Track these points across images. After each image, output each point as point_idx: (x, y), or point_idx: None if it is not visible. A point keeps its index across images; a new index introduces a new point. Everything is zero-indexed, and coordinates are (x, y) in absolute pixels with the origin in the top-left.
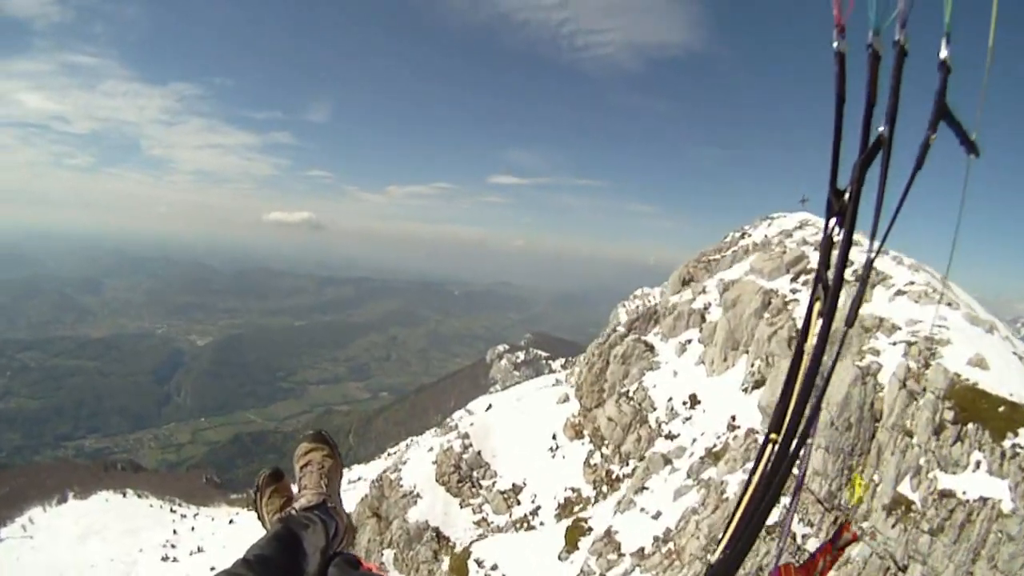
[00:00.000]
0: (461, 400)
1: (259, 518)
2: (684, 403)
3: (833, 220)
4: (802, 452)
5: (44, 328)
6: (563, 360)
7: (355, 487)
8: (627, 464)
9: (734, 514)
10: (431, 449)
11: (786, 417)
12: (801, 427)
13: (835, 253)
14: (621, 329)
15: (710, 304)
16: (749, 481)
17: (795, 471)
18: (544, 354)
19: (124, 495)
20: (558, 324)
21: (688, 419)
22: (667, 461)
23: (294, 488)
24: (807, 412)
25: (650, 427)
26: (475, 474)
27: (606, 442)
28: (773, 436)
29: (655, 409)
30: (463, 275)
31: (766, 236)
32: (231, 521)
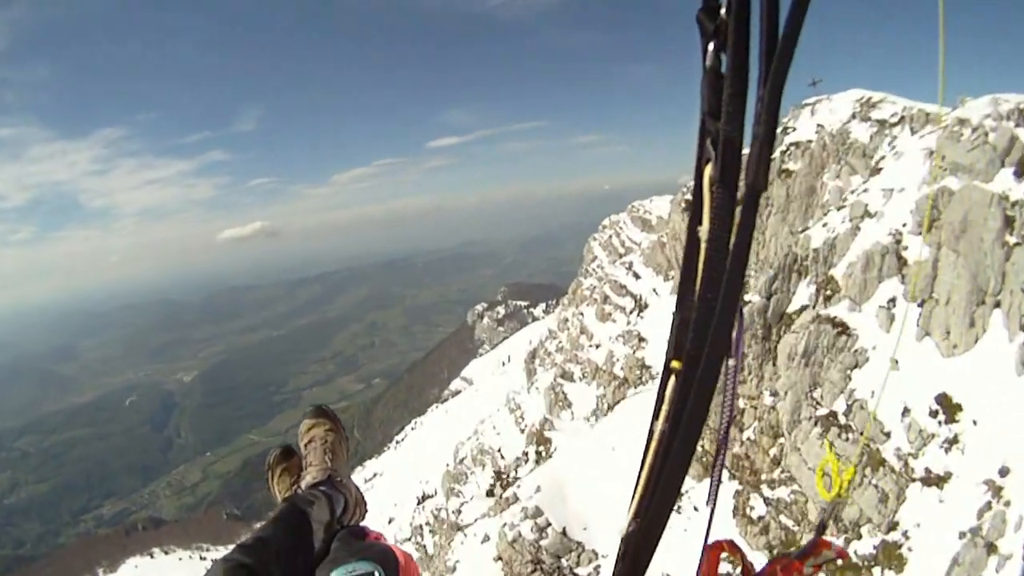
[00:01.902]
0: (452, 368)
1: (272, 497)
2: (933, 414)
3: (711, 46)
4: (720, 380)
5: (33, 408)
6: (544, 305)
7: (372, 486)
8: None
9: (638, 478)
10: (487, 539)
11: (688, 333)
12: (708, 345)
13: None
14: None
15: (898, 232)
16: (652, 428)
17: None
18: (523, 304)
19: (152, 556)
20: (532, 270)
21: (952, 442)
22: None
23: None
24: (714, 322)
25: (893, 470)
26: (565, 562)
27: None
28: (675, 364)
29: (888, 436)
30: (426, 245)
31: (821, 127)
32: None
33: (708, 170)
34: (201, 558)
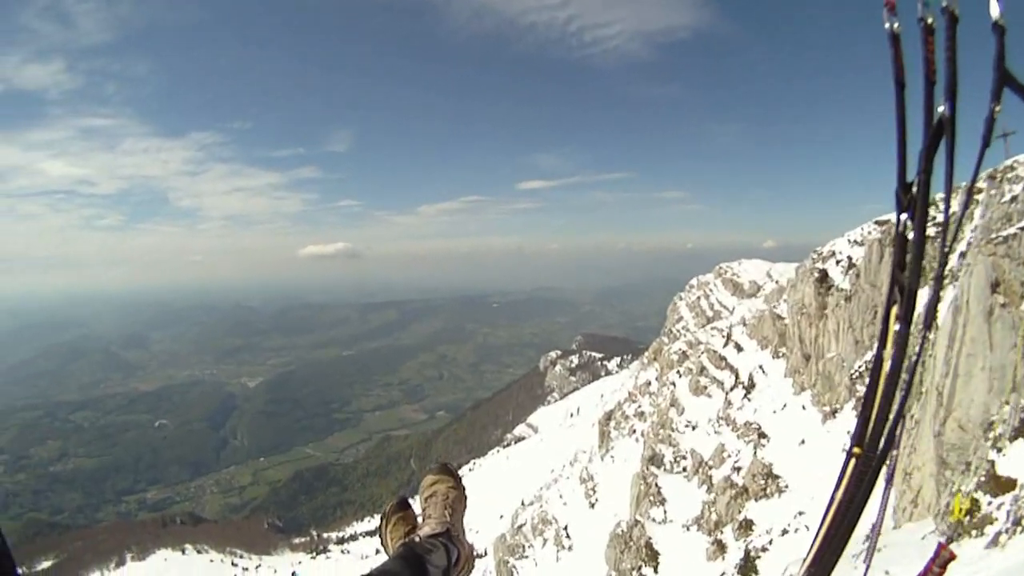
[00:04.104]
0: (519, 412)
1: (382, 544)
2: None
3: (904, 216)
4: (887, 464)
5: (94, 388)
6: (618, 359)
7: None
8: None
9: (818, 532)
10: None
11: (868, 429)
12: (883, 439)
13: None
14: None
15: None
16: (832, 498)
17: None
18: (598, 355)
19: (183, 552)
20: (606, 322)
21: None
22: None
23: (419, 519)
24: (889, 423)
25: None
26: None
27: None
28: (856, 450)
29: None
30: (503, 285)
31: None
32: (293, 573)
33: (895, 310)
34: (232, 564)
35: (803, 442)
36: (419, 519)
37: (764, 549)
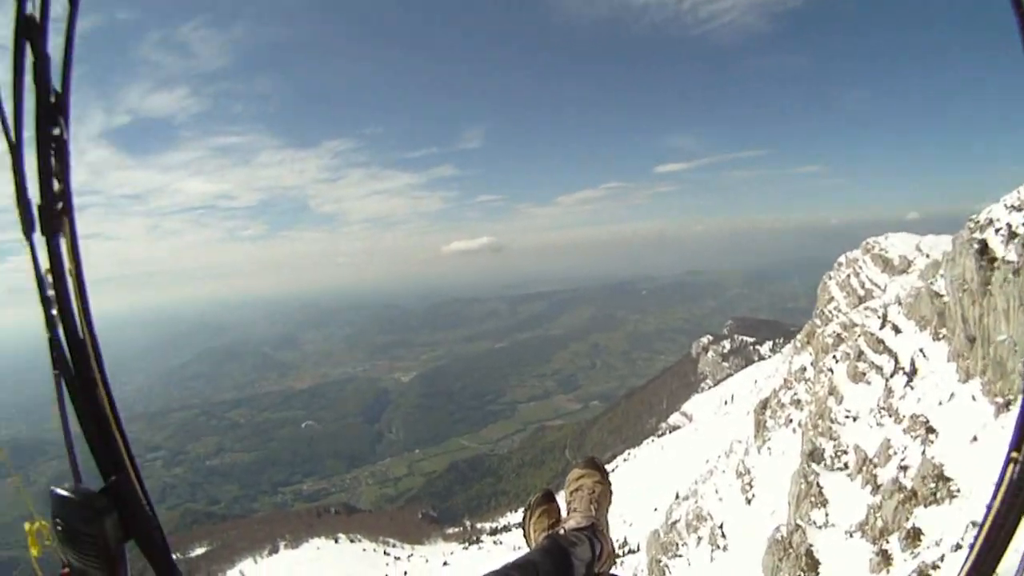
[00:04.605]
0: (672, 400)
1: (524, 535)
2: None
3: None
4: None
5: (249, 387)
6: (770, 343)
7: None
8: None
9: (972, 546)
10: None
11: None
12: None
13: None
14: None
15: None
16: (989, 507)
17: None
18: (749, 339)
19: (336, 541)
20: (755, 305)
21: None
22: None
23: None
24: None
25: None
26: None
27: None
28: (1015, 455)
29: None
30: (650, 270)
31: None
32: (445, 563)
33: None
34: (385, 552)
35: (975, 439)
36: (562, 512)
37: (935, 566)
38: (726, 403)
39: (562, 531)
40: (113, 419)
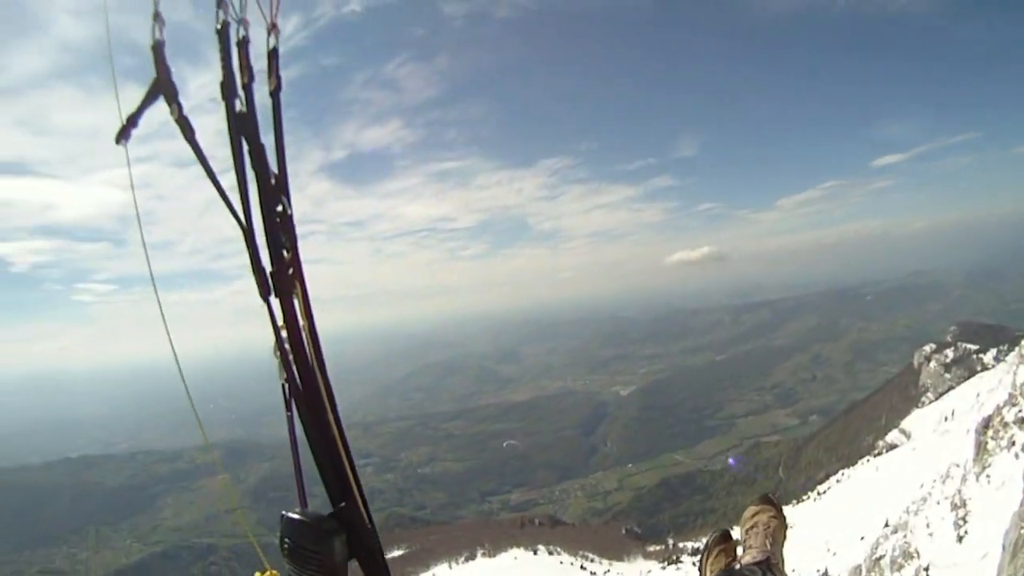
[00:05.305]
0: (892, 416)
1: (700, 573)
2: None
3: None
4: None
5: (467, 400)
6: (994, 351)
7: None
8: None
9: None
10: None
11: None
12: None
13: None
14: None
15: None
16: None
17: None
18: (973, 347)
19: (535, 552)
20: (980, 307)
21: None
22: None
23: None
24: None
25: None
26: None
27: None
28: None
29: None
30: (875, 274)
31: None
32: None
33: None
34: (581, 567)
35: None
36: (738, 551)
37: None
38: (946, 419)
39: (738, 566)
40: (344, 452)
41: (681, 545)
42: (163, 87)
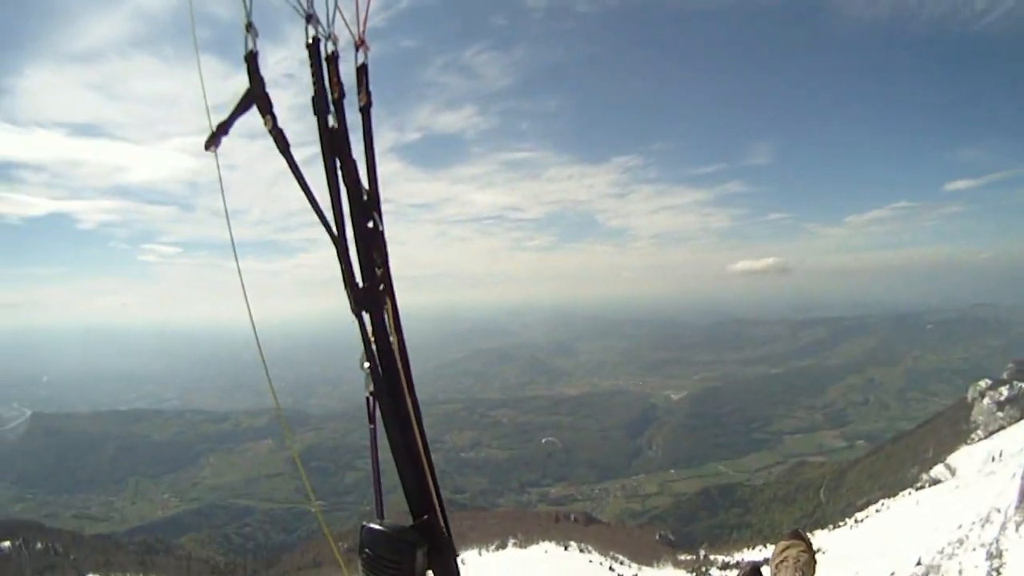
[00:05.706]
0: (939, 450)
1: None
2: None
3: None
4: None
5: (517, 389)
6: None
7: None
8: None
9: None
10: None
11: None
12: None
13: None
14: None
15: None
16: None
17: None
18: None
19: (566, 548)
20: None
21: None
22: None
23: None
24: None
25: None
26: None
27: None
28: None
29: None
30: (936, 301)
31: None
32: None
33: None
34: (610, 568)
35: None
36: None
37: None
38: (993, 459)
39: None
40: (428, 467)
41: (712, 557)
42: (257, 98)
